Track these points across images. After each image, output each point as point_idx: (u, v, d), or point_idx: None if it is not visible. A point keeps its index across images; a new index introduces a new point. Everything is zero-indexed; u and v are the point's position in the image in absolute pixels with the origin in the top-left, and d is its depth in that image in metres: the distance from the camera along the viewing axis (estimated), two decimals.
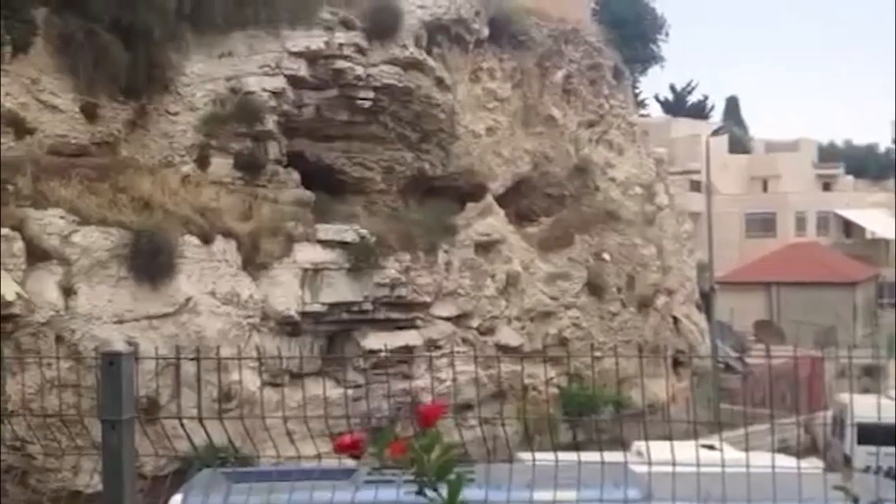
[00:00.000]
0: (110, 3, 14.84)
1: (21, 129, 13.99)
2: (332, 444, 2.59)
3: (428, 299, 18.03)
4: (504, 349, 19.26)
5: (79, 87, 14.79)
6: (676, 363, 23.88)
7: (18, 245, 12.16)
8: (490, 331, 19.35)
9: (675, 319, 24.43)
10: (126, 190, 14.00)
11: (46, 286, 12.39)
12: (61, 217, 12.84)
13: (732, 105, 66.39)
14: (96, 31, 14.74)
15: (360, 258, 16.68)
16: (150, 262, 13.38)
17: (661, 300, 23.68)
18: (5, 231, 12.03)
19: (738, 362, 28.32)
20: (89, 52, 14.69)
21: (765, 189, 54.86)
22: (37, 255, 12.37)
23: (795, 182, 53.78)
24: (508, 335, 19.63)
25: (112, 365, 3.18)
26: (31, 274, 12.28)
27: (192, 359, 11.39)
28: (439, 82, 19.58)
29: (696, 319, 25.48)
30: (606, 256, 22.19)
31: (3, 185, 12.64)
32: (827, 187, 58.30)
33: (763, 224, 49.27)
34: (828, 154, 63.24)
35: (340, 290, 16.48)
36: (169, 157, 16.17)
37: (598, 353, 20.73)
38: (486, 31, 21.11)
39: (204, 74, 16.73)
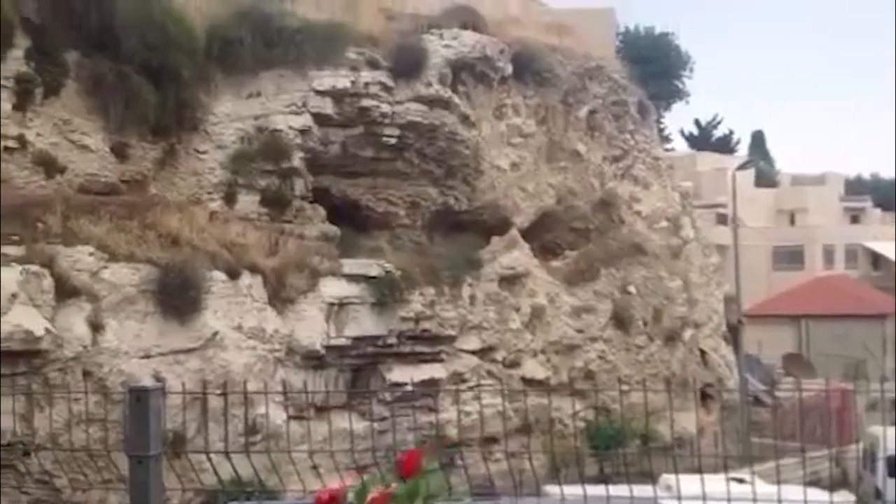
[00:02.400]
0: (141, 45, 15.18)
1: (52, 168, 14.29)
2: (354, 477, 2.57)
3: (453, 333, 18.08)
4: (529, 382, 19.24)
5: (109, 127, 15.11)
6: (705, 396, 23.70)
7: (48, 281, 12.37)
8: (515, 364, 19.34)
9: (703, 352, 24.27)
10: (154, 227, 14.23)
11: (75, 322, 12.58)
12: (90, 254, 13.06)
13: (758, 139, 66.17)
14: (127, 73, 15.08)
15: (385, 292, 16.79)
16: (177, 297, 13.55)
17: (688, 333, 23.56)
18: (35, 268, 12.25)
19: (767, 395, 28.03)
20: (120, 94, 15.02)
21: (792, 222, 54.48)
22: (66, 291, 12.58)
23: (823, 215, 53.38)
24: (534, 368, 19.61)
25: (139, 401, 3.21)
26: (60, 310, 12.48)
27: (219, 394, 11.49)
28: (464, 119, 19.78)
29: (723, 352, 25.30)
30: (632, 289, 22.15)
31: (34, 222, 12.88)
32: (854, 220, 57.80)
33: (790, 257, 48.88)
34: (855, 187, 62.79)
35: (365, 324, 16.58)
36: (197, 194, 16.43)
37: (625, 387, 20.63)
38: (510, 69, 21.32)
39: (232, 114, 17.03)
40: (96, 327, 12.79)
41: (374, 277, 16.83)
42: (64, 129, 14.57)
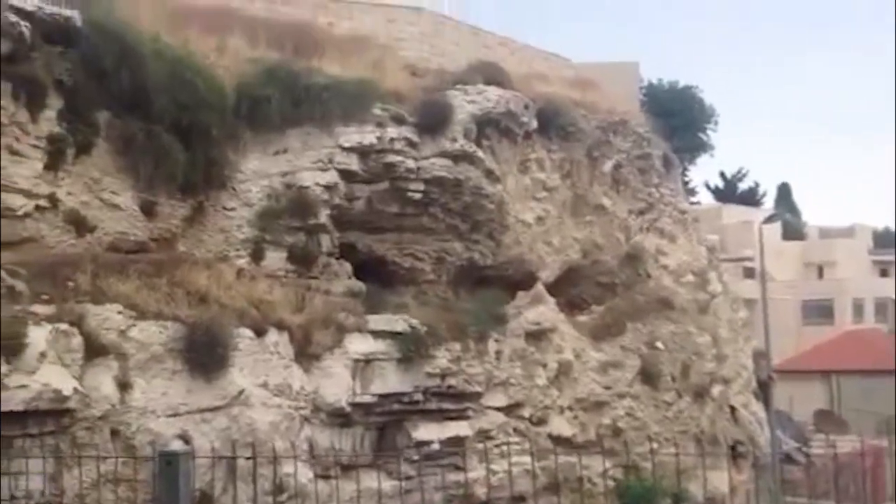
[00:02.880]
0: (171, 104, 15.41)
1: (82, 226, 14.43)
2: None
3: (479, 389, 17.94)
4: (557, 439, 19.01)
5: (139, 185, 15.28)
6: (736, 454, 23.33)
7: (77, 340, 12.41)
8: (542, 421, 19.14)
9: (733, 409, 23.94)
10: (182, 284, 14.28)
11: (103, 380, 12.58)
12: (119, 312, 13.11)
13: (784, 191, 66.00)
14: (157, 132, 15.28)
15: (411, 348, 16.72)
16: (204, 355, 13.55)
17: (717, 389, 23.27)
18: (64, 326, 12.30)
19: (799, 453, 27.55)
20: (149, 153, 15.21)
21: (820, 276, 54.08)
22: (94, 349, 12.60)
23: (851, 268, 53.00)
24: (561, 425, 19.39)
25: (170, 465, 3.23)
26: (88, 369, 12.49)
27: (248, 458, 11.44)
28: (489, 174, 19.86)
29: (754, 409, 24.94)
30: (660, 345, 21.95)
31: (64, 281, 12.98)
32: (884, 273, 57.25)
33: (820, 311, 48.44)
34: (883, 239, 62.31)
35: (391, 380, 16.49)
36: (224, 251, 16.53)
37: (654, 444, 20.34)
38: (534, 124, 21.44)
39: (259, 171, 17.19)
40: (124, 386, 12.78)
41: (399, 333, 16.78)
42: (94, 188, 14.74)
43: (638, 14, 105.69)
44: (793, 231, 55.83)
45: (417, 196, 18.68)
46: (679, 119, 39.71)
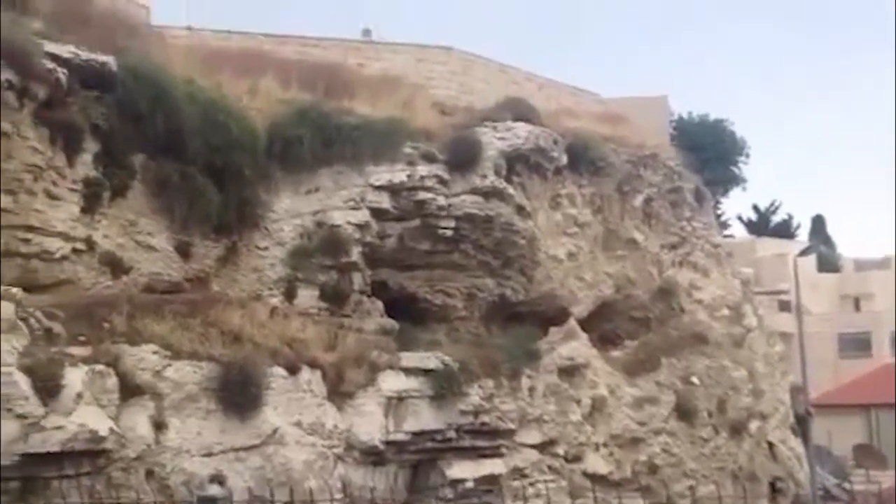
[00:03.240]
0: (205, 146, 15.62)
1: (118, 268, 14.61)
2: None
3: (512, 426, 17.84)
4: (592, 477, 18.81)
5: (173, 226, 15.46)
6: (774, 491, 22.96)
7: (113, 381, 12.53)
8: (577, 458, 18.97)
9: (771, 445, 23.60)
10: (216, 323, 14.39)
11: (139, 421, 12.67)
12: (154, 352, 13.22)
13: (818, 223, 65.30)
14: (191, 174, 15.49)
15: (444, 385, 16.69)
16: (238, 394, 13.61)
17: (754, 425, 22.97)
18: (101, 367, 12.43)
19: (839, 489, 27.04)
20: (184, 194, 15.41)
21: (857, 308, 53.37)
22: (130, 390, 12.71)
23: (889, 299, 52.17)
24: (596, 462, 19.21)
25: None
26: (124, 409, 12.59)
27: (286, 503, 11.45)
28: (520, 209, 19.89)
29: (792, 444, 24.57)
30: (695, 380, 21.74)
31: (100, 322, 13.13)
32: None
33: (857, 344, 47.75)
34: None
35: (424, 418, 16.45)
36: (258, 290, 16.65)
37: (691, 481, 20.08)
38: (564, 159, 21.47)
39: (292, 210, 17.34)
40: (159, 426, 12.86)
41: (432, 370, 16.76)
42: (130, 230, 14.94)
43: (667, 48, 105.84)
44: (828, 263, 55.19)
45: (448, 233, 18.73)
46: (710, 152, 39.59)
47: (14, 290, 12.26)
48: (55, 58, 13.62)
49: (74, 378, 12.00)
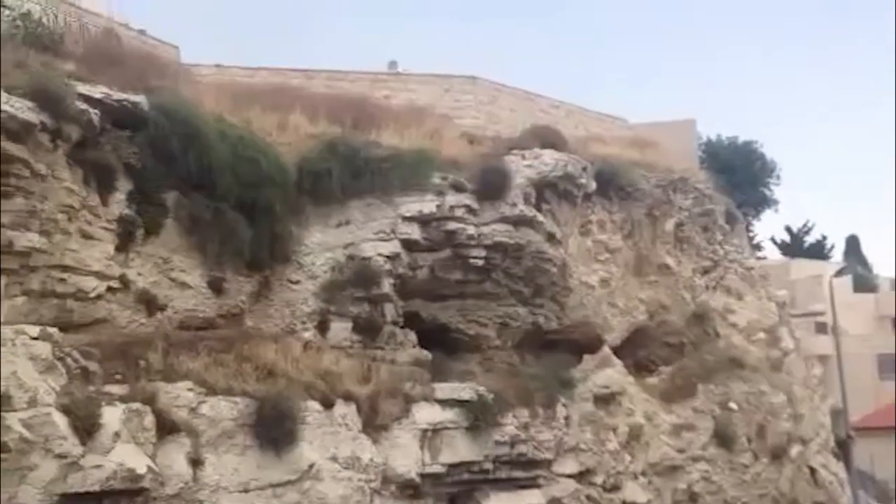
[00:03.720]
0: (236, 182, 15.73)
1: (153, 306, 14.69)
2: None
3: (549, 456, 17.69)
4: None
5: (207, 263, 15.53)
6: None
7: (149, 419, 12.54)
8: (615, 487, 18.75)
9: (812, 470, 23.22)
10: (251, 359, 14.42)
11: (176, 458, 12.67)
12: (189, 389, 13.24)
13: (853, 243, 64.54)
14: (223, 210, 15.58)
15: (479, 416, 16.60)
16: (273, 429, 13.60)
17: (795, 450, 22.62)
18: (137, 405, 12.45)
19: None
20: (216, 230, 15.49)
21: None
22: (166, 427, 12.72)
23: None
24: (635, 491, 18.98)
25: None
26: (161, 447, 12.59)
27: None
28: (550, 237, 19.82)
29: (834, 469, 24.17)
30: (733, 405, 21.47)
31: (136, 360, 13.18)
32: None
33: None
34: None
35: (460, 449, 16.35)
36: (291, 324, 16.67)
37: None
38: (593, 185, 21.41)
39: (323, 243, 17.38)
40: (196, 463, 12.85)
41: (466, 401, 16.69)
42: (164, 268, 15.03)
43: (694, 72, 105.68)
44: (864, 283, 54.48)
45: (479, 262, 18.69)
46: (740, 175, 39.32)
47: (51, 330, 12.35)
48: (88, 99, 13.80)
49: (112, 417, 12.03)
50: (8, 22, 15.74)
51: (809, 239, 61.45)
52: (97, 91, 14.10)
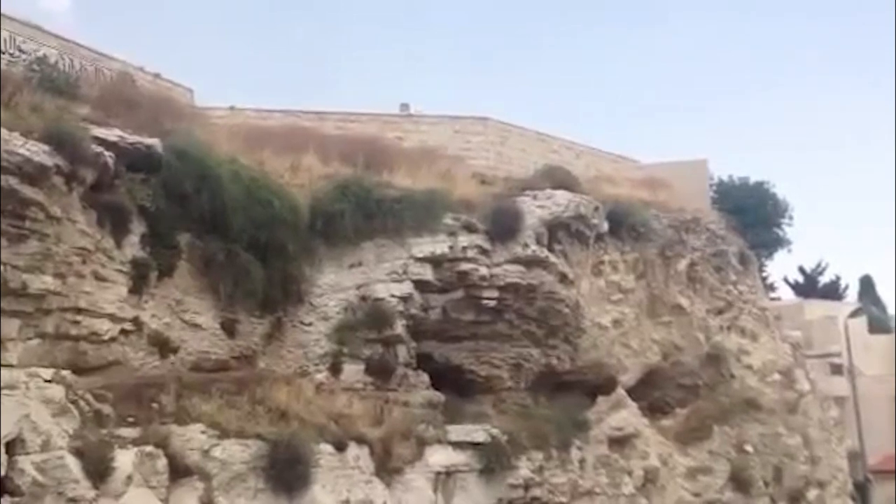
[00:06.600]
0: (249, 223, 15.77)
1: (166, 348, 14.66)
2: None
3: (564, 500, 17.50)
4: None
5: (219, 304, 15.53)
6: None
7: (162, 462, 12.47)
8: None
9: None
10: (263, 401, 14.35)
11: (188, 502, 12.55)
12: (202, 432, 13.17)
13: (867, 283, 64.10)
14: (236, 251, 15.60)
15: (493, 459, 16.46)
16: (286, 472, 13.50)
17: (812, 493, 22.35)
18: (150, 448, 12.39)
19: None
20: (229, 272, 15.50)
21: None
22: (179, 470, 12.64)
23: None
24: None
25: None
26: (173, 490, 12.50)
27: None
28: (562, 278, 19.77)
29: None
30: (749, 448, 21.24)
31: (149, 403, 13.14)
32: None
33: None
34: None
35: (474, 493, 16.20)
36: (304, 366, 16.61)
37: None
38: (605, 225, 21.40)
39: (335, 284, 17.38)
40: None
41: (480, 443, 16.56)
42: (177, 310, 15.01)
43: (704, 112, 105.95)
44: (879, 324, 54.07)
45: (492, 303, 18.64)
46: (752, 215, 39.21)
47: (64, 372, 12.32)
48: (102, 142, 13.87)
49: (124, 460, 11.97)
50: (24, 66, 15.92)
51: (823, 279, 61.12)
52: (112, 134, 14.18)
